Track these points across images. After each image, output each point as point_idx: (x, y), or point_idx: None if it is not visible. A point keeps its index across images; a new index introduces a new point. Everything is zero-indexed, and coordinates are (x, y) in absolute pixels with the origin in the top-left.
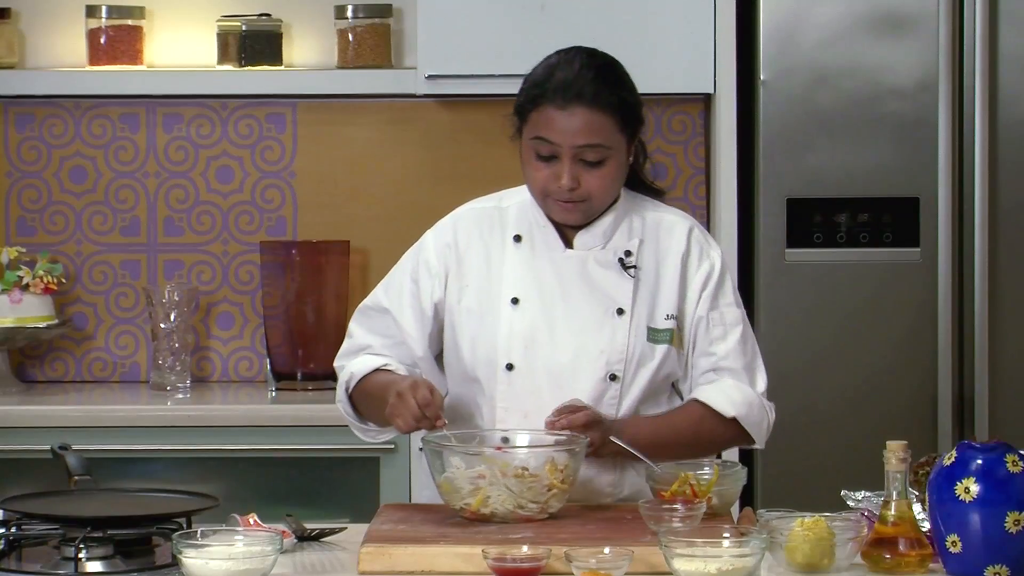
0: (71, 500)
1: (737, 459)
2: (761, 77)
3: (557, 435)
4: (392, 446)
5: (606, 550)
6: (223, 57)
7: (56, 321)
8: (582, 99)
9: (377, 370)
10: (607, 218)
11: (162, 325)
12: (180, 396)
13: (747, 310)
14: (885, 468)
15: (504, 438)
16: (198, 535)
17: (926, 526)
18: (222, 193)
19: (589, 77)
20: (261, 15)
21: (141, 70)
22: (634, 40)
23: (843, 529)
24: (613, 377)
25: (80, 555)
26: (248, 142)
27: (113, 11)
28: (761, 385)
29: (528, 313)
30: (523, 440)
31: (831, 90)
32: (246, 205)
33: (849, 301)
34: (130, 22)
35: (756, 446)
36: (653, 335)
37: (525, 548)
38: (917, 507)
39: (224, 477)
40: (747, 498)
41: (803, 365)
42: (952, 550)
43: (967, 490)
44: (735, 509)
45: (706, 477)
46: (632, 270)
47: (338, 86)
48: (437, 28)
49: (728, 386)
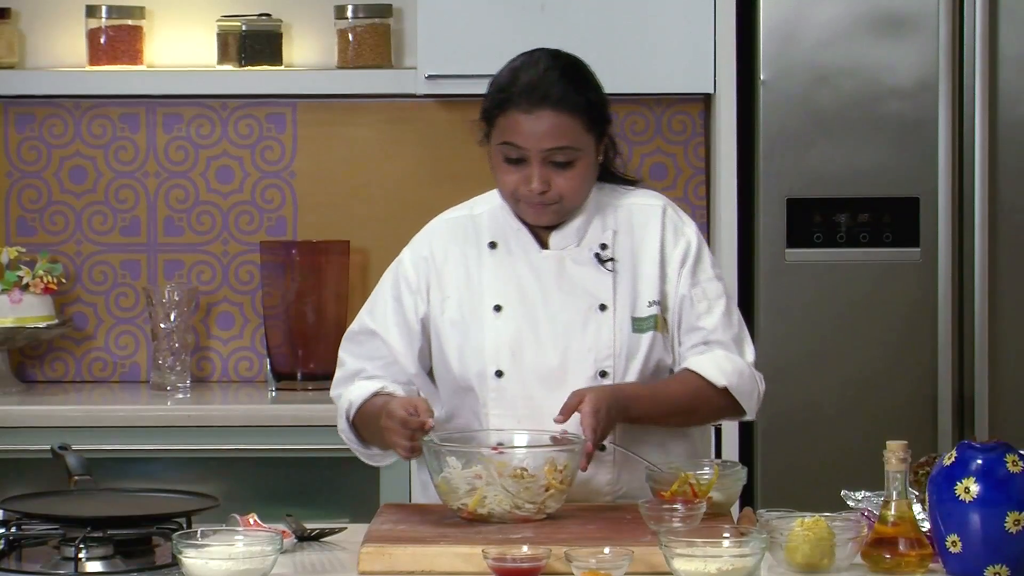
0: (71, 500)
1: (737, 459)
2: (761, 77)
3: (555, 434)
4: None
5: (606, 550)
6: (223, 57)
7: (56, 321)
8: (547, 101)
9: (375, 394)
10: (580, 215)
11: (162, 325)
12: (180, 396)
13: (747, 310)
14: (885, 468)
15: (499, 441)
16: (198, 535)
17: (926, 526)
18: (222, 193)
19: (553, 79)
20: (261, 15)
21: (141, 70)
22: (634, 40)
23: (843, 529)
24: (603, 374)
25: (80, 555)
26: (248, 142)
27: (113, 11)
28: (750, 355)
29: (512, 319)
30: (521, 440)
31: (831, 90)
32: (246, 205)
33: (849, 301)
34: (130, 22)
35: (746, 417)
36: (637, 325)
37: (525, 548)
38: (917, 507)
39: (224, 477)
40: (747, 498)
41: (803, 365)
42: (952, 550)
43: (967, 490)
44: (735, 509)
45: (706, 477)
46: (609, 263)
47: (338, 86)
48: (437, 28)
49: (719, 356)
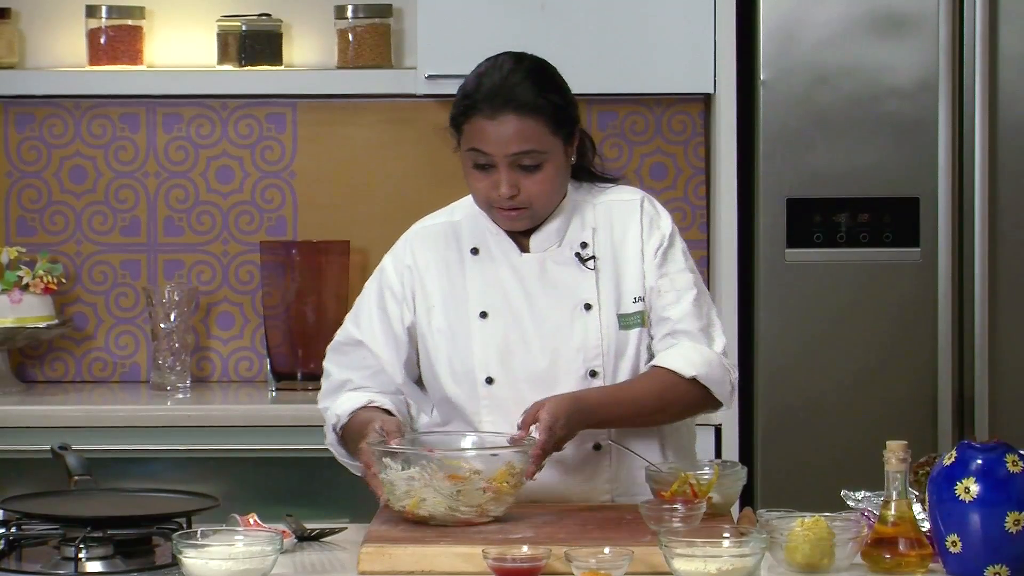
0: (71, 500)
1: (737, 459)
2: (761, 77)
3: (515, 435)
4: None
5: (606, 550)
6: (223, 57)
7: (56, 321)
8: (509, 106)
9: (363, 407)
10: (558, 216)
11: (162, 325)
12: (180, 396)
13: (747, 310)
14: (885, 468)
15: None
16: (198, 535)
17: (926, 526)
18: (222, 193)
19: (515, 82)
20: (261, 15)
21: (141, 70)
22: (634, 40)
23: (843, 529)
24: (593, 374)
25: (80, 555)
26: (248, 142)
27: (113, 11)
28: (719, 345)
29: (498, 324)
30: (471, 442)
31: (831, 90)
32: (246, 205)
33: (849, 301)
34: (130, 22)
35: (723, 408)
36: (624, 322)
37: (525, 548)
38: (917, 507)
39: (224, 477)
40: (747, 498)
41: (803, 365)
42: (952, 550)
43: (967, 490)
44: (735, 509)
45: (706, 477)
46: (591, 262)
47: (338, 86)
48: (437, 28)
49: (686, 348)
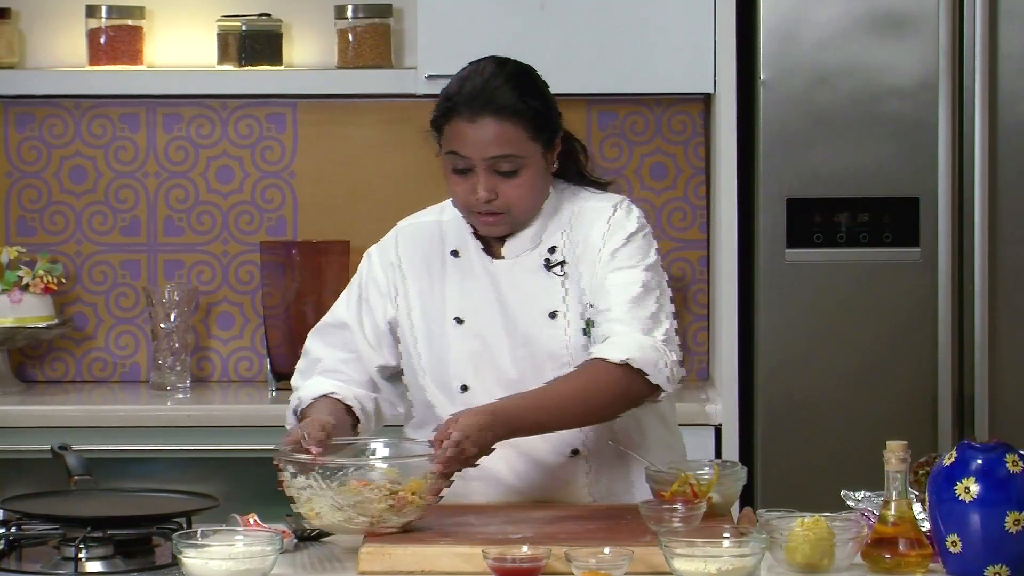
0: (71, 500)
1: (737, 459)
2: (761, 77)
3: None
4: None
5: (606, 550)
6: (223, 57)
7: (56, 321)
8: (489, 109)
9: (326, 396)
10: (535, 222)
11: (162, 325)
12: (180, 396)
13: (747, 310)
14: (885, 468)
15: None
16: (198, 535)
17: (926, 526)
18: (222, 193)
19: (496, 86)
20: (261, 15)
21: (141, 70)
22: (634, 40)
23: (843, 529)
24: None
25: (80, 555)
26: (248, 142)
27: (113, 11)
28: (660, 334)
29: (472, 331)
30: (384, 449)
31: (831, 90)
32: (246, 205)
33: (849, 301)
34: (130, 22)
35: (662, 394)
36: (589, 328)
37: (525, 548)
38: (917, 507)
39: (224, 477)
40: (747, 498)
41: (803, 365)
42: (952, 550)
43: (967, 490)
44: (735, 509)
45: (706, 477)
46: (559, 268)
47: (338, 86)
48: (437, 28)
49: (618, 336)
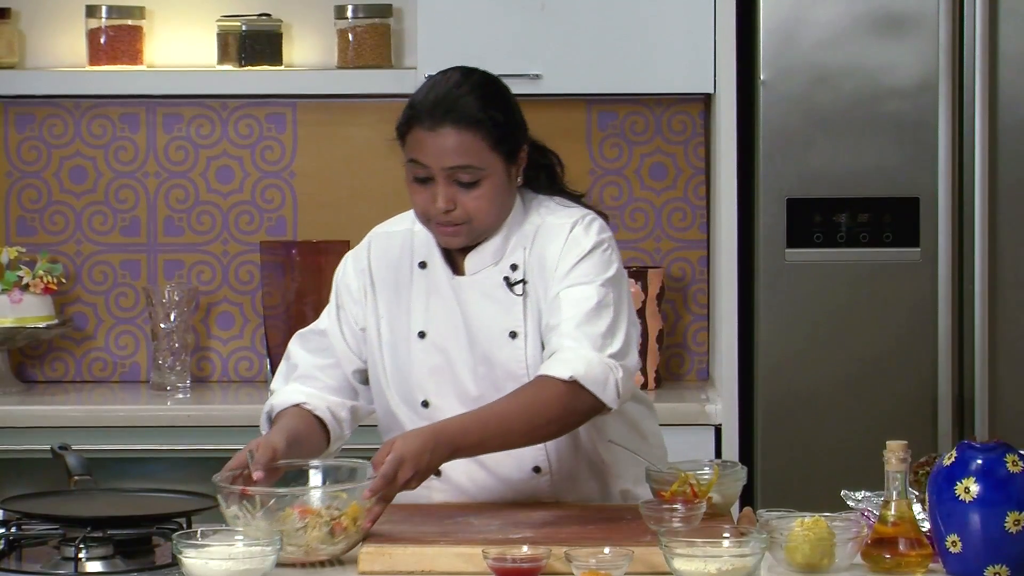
0: (71, 500)
1: (737, 459)
2: (761, 77)
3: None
4: None
5: (606, 550)
6: (223, 57)
7: (56, 321)
8: (449, 119)
9: (296, 405)
10: (497, 237)
11: (162, 325)
12: (180, 396)
13: (747, 310)
14: (885, 468)
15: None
16: (198, 535)
17: (926, 526)
18: (222, 193)
19: (457, 96)
20: (261, 15)
21: (141, 70)
22: (634, 40)
23: (843, 529)
24: None
25: (80, 555)
26: (248, 142)
27: (113, 11)
28: (611, 349)
29: (434, 346)
30: (315, 472)
31: (831, 90)
32: (246, 205)
33: (849, 301)
34: (130, 22)
35: (607, 408)
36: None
37: (525, 548)
38: (917, 507)
39: None
40: (747, 498)
41: (803, 365)
42: (952, 550)
43: (967, 490)
44: (735, 509)
45: (706, 477)
46: (519, 286)
47: (338, 86)
48: (437, 28)
49: (565, 352)
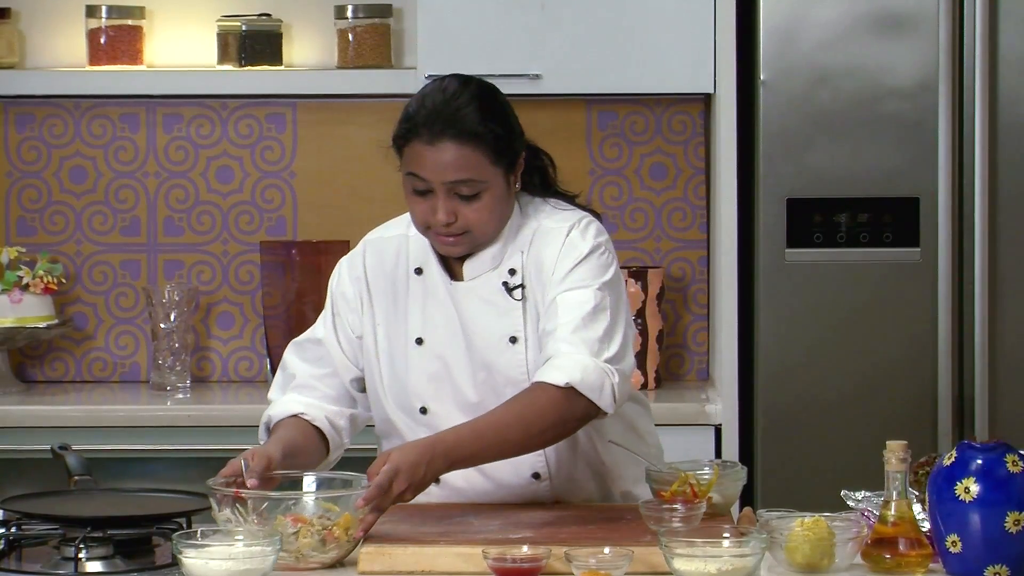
0: (71, 500)
1: (737, 459)
2: (761, 77)
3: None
4: None
5: (606, 550)
6: (223, 57)
7: (56, 321)
8: (449, 133)
9: (294, 416)
10: (496, 242)
11: (162, 325)
12: (180, 396)
13: (747, 310)
14: (885, 468)
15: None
16: (198, 535)
17: (926, 526)
18: (222, 193)
19: (456, 108)
20: (261, 15)
21: (141, 70)
22: (634, 40)
23: (843, 529)
24: None
25: (80, 555)
26: (248, 142)
27: (113, 11)
28: (607, 354)
29: (432, 353)
30: (309, 483)
31: (831, 90)
32: (246, 205)
33: (849, 301)
34: (130, 22)
35: (604, 413)
36: None
37: (525, 548)
38: (917, 507)
39: None
40: (747, 498)
41: (803, 365)
42: (952, 550)
43: (967, 490)
44: (735, 509)
45: (706, 477)
46: (518, 291)
47: (338, 86)
48: (437, 28)
49: (562, 356)
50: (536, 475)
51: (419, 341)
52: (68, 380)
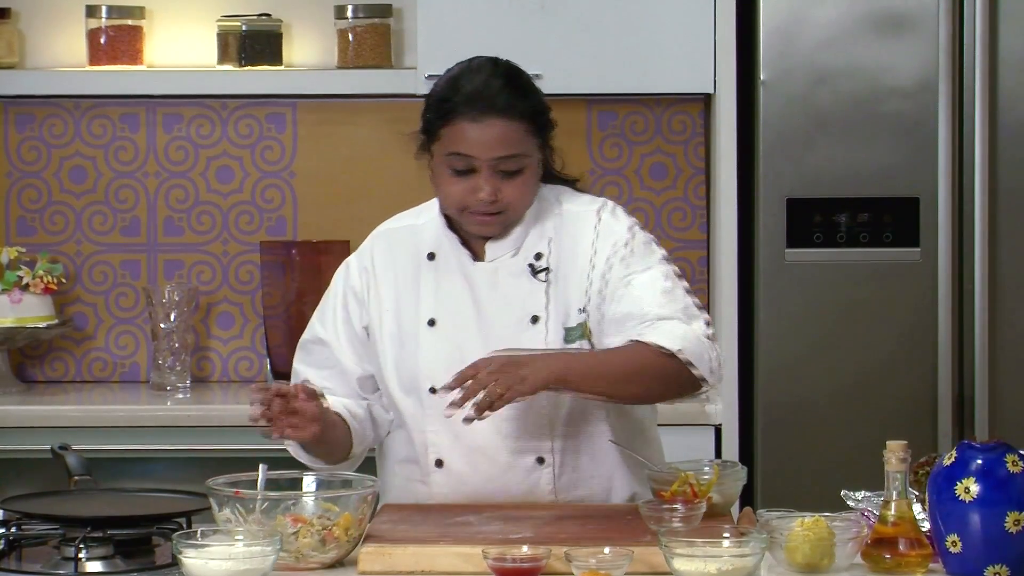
0: (71, 500)
1: (737, 459)
2: (761, 77)
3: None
4: None
5: (606, 550)
6: (223, 57)
7: (56, 321)
8: (494, 109)
9: None
10: (518, 225)
11: (162, 325)
12: (180, 396)
13: (747, 310)
14: (885, 468)
15: (438, 461)
16: (198, 535)
17: (926, 526)
18: (222, 193)
19: (498, 86)
20: (261, 15)
21: (141, 70)
22: (634, 40)
23: (843, 529)
24: None
25: (80, 555)
26: (248, 142)
27: (113, 11)
28: (702, 327)
29: (445, 333)
30: (309, 483)
31: (831, 90)
32: (246, 205)
33: (849, 301)
34: (130, 22)
35: (704, 388)
36: (569, 335)
37: (525, 548)
38: (917, 507)
39: None
40: (747, 498)
41: (803, 365)
42: (952, 550)
43: (967, 490)
44: (735, 509)
45: (706, 477)
46: (543, 274)
47: (338, 86)
48: (437, 28)
49: (667, 325)
50: (540, 459)
51: (432, 322)
52: (68, 380)
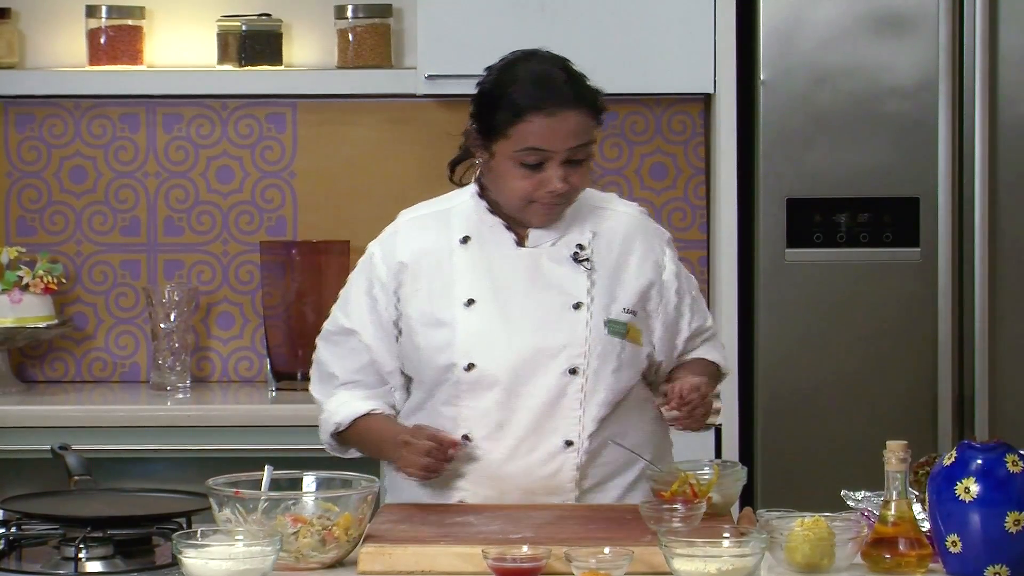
0: (71, 500)
1: (737, 459)
2: (761, 77)
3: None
4: None
5: (606, 550)
6: (223, 57)
7: (56, 321)
8: (567, 102)
9: (365, 415)
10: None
11: (162, 325)
12: (180, 396)
13: (747, 310)
14: (885, 468)
15: (466, 436)
16: (198, 535)
17: (926, 526)
18: (222, 193)
19: (560, 79)
20: (261, 15)
21: (141, 70)
22: (634, 40)
23: (843, 529)
24: (575, 371)
25: (80, 555)
26: (248, 142)
27: (113, 11)
28: (711, 322)
29: (484, 313)
30: (309, 483)
31: (831, 90)
32: (246, 205)
33: (849, 301)
34: (130, 22)
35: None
36: (611, 327)
37: (525, 548)
38: (917, 507)
39: None
40: (747, 498)
41: (803, 365)
42: (952, 550)
43: (967, 490)
44: (735, 509)
45: (706, 477)
46: (586, 263)
47: (338, 86)
48: (437, 28)
49: (715, 344)
50: (567, 442)
51: (469, 302)
52: (68, 380)
